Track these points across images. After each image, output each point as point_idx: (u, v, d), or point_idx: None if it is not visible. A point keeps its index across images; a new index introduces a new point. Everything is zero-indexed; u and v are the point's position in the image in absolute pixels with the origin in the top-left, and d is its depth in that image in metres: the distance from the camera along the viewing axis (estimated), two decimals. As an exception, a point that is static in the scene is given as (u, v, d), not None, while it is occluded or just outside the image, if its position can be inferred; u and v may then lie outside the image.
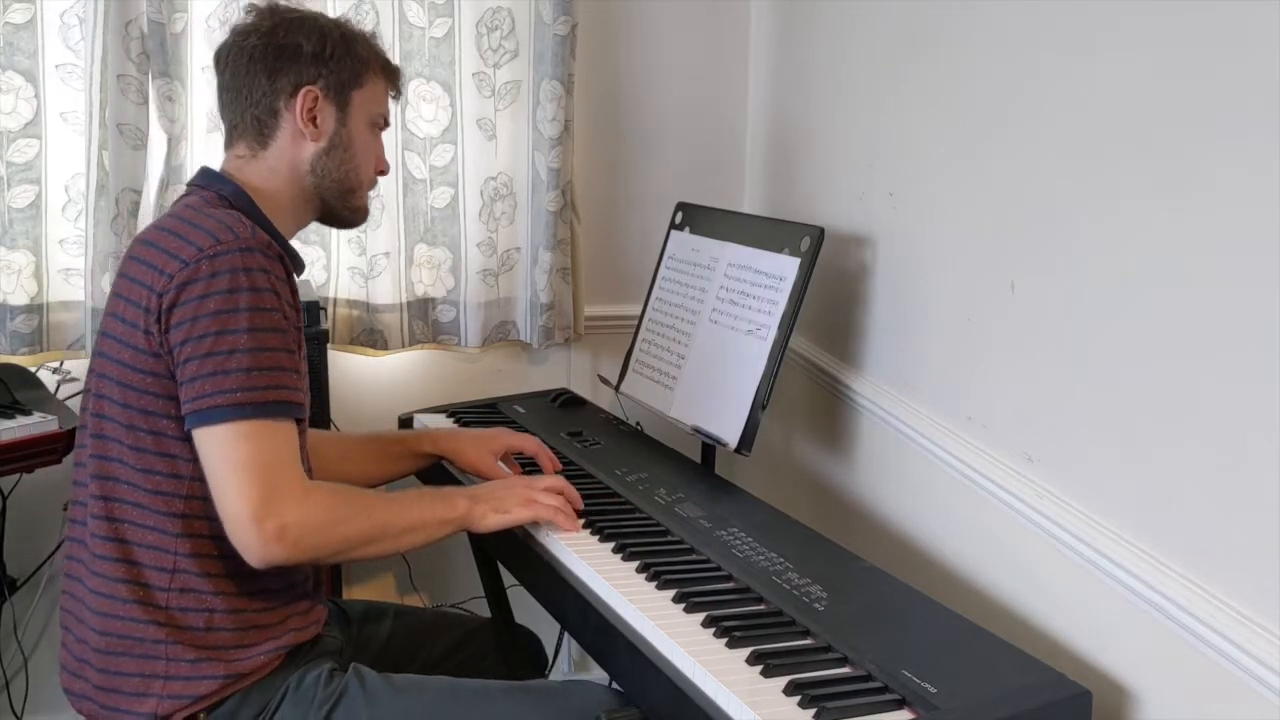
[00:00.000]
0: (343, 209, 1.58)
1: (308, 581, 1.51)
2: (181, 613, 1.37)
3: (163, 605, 1.36)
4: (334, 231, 2.28)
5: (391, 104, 1.64)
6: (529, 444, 1.80)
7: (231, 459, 1.30)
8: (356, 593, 2.46)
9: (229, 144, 1.54)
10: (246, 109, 1.50)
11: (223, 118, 1.54)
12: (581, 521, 1.58)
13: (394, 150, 2.26)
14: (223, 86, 1.52)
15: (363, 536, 1.40)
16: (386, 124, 1.62)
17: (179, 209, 1.46)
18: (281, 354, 1.35)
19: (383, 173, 1.63)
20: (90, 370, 1.45)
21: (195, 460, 1.35)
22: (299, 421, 1.38)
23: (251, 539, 1.30)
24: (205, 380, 1.30)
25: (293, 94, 1.49)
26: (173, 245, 1.36)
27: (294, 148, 1.51)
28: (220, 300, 1.31)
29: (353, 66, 1.52)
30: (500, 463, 1.77)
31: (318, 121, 1.50)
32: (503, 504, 1.52)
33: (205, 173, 1.52)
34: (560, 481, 1.61)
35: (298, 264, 1.53)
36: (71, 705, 1.43)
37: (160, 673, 1.36)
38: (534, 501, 1.54)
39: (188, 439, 1.34)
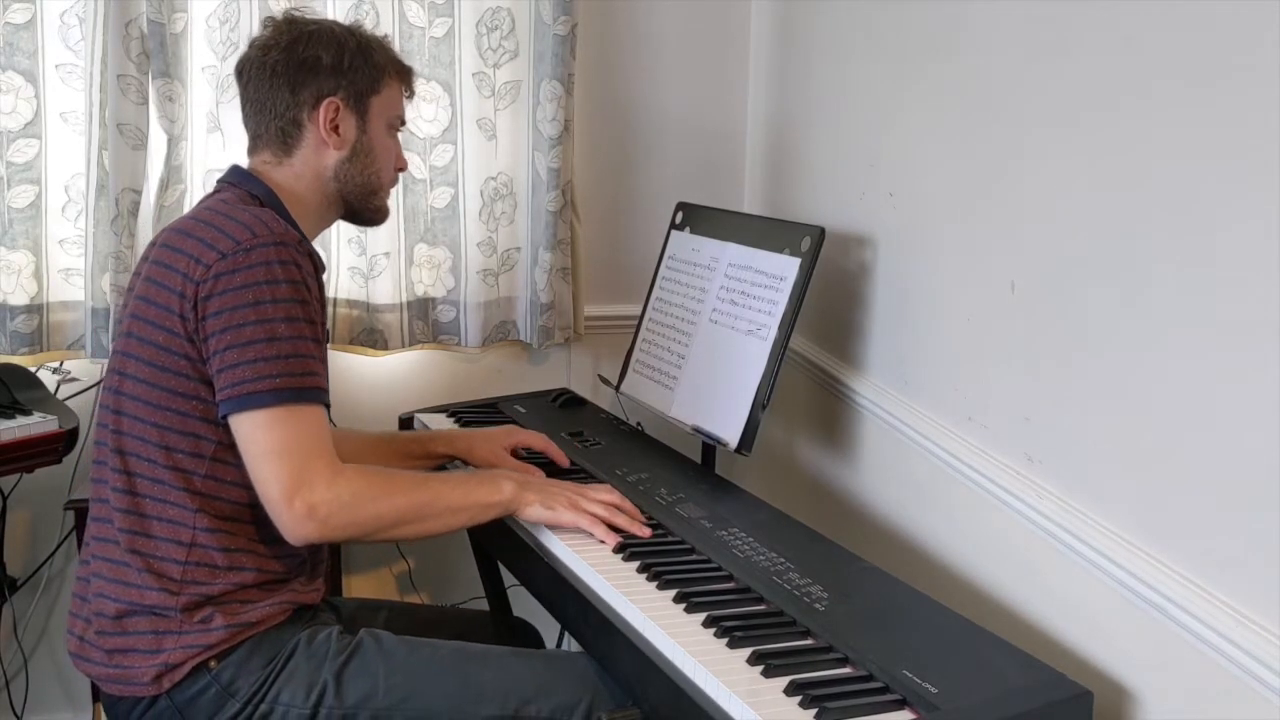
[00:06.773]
0: (365, 210, 1.66)
1: (305, 564, 1.55)
2: (195, 584, 1.42)
3: (177, 578, 1.42)
4: (334, 232, 2.28)
5: (407, 104, 1.70)
6: (537, 440, 1.83)
7: (266, 444, 1.37)
8: (357, 586, 2.47)
9: (253, 151, 1.60)
10: (270, 120, 1.57)
11: (246, 127, 1.61)
12: (614, 545, 1.53)
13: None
14: (246, 99, 1.59)
15: (397, 515, 1.45)
16: (403, 123, 1.69)
17: (213, 202, 1.52)
18: (312, 344, 1.42)
19: (401, 169, 1.70)
20: (114, 351, 1.51)
21: (218, 441, 1.43)
22: (326, 407, 1.45)
23: (284, 518, 1.38)
24: (246, 367, 1.37)
25: (315, 105, 1.56)
26: (209, 236, 1.42)
27: (317, 156, 1.58)
28: (259, 291, 1.38)
29: (370, 74, 1.59)
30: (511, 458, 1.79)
31: (340, 130, 1.57)
32: (550, 500, 1.55)
33: (236, 171, 1.59)
34: (616, 497, 1.60)
35: (320, 264, 1.59)
36: (78, 668, 1.48)
37: (174, 629, 1.41)
38: (580, 508, 1.55)
39: (211, 420, 1.41)
